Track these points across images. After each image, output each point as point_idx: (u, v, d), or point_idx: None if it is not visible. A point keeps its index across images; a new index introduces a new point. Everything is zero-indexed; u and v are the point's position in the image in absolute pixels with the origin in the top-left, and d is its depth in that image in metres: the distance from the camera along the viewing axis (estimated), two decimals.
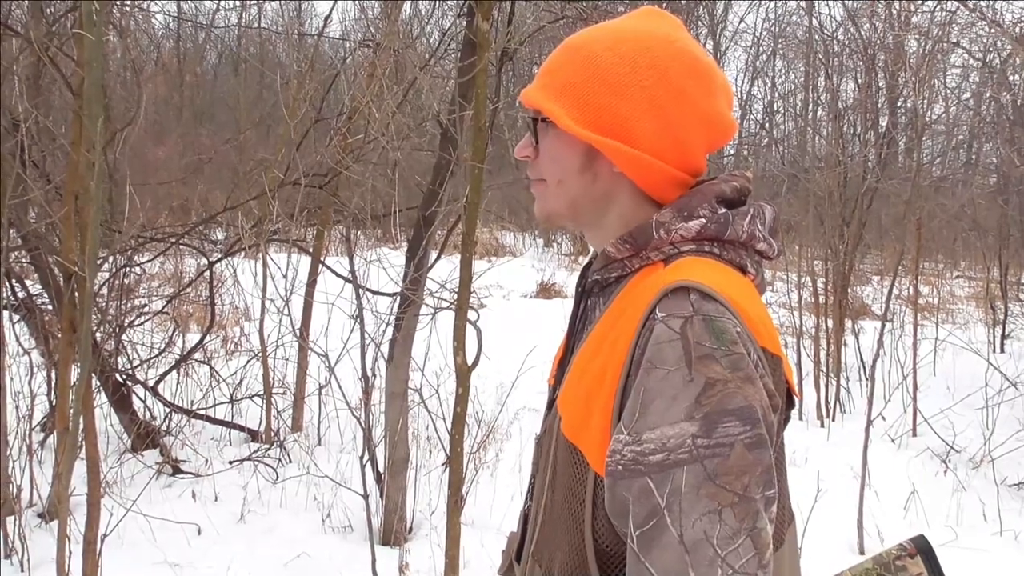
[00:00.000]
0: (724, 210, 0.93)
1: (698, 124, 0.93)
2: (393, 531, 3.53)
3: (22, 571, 3.17)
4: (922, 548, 0.96)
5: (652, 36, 0.93)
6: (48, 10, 4.30)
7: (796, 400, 0.94)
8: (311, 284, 4.66)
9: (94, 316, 3.95)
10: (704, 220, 0.91)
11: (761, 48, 17.48)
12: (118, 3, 4.96)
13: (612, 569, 0.88)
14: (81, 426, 2.63)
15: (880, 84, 8.64)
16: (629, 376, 0.84)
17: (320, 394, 4.61)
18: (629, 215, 0.96)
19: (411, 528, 3.67)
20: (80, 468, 2.87)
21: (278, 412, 4.69)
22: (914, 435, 5.29)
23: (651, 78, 0.91)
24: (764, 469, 0.80)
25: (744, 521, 0.77)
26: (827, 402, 5.85)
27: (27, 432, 3.67)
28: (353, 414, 3.50)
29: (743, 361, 0.81)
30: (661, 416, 0.79)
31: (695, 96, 0.92)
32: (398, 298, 3.51)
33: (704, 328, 0.81)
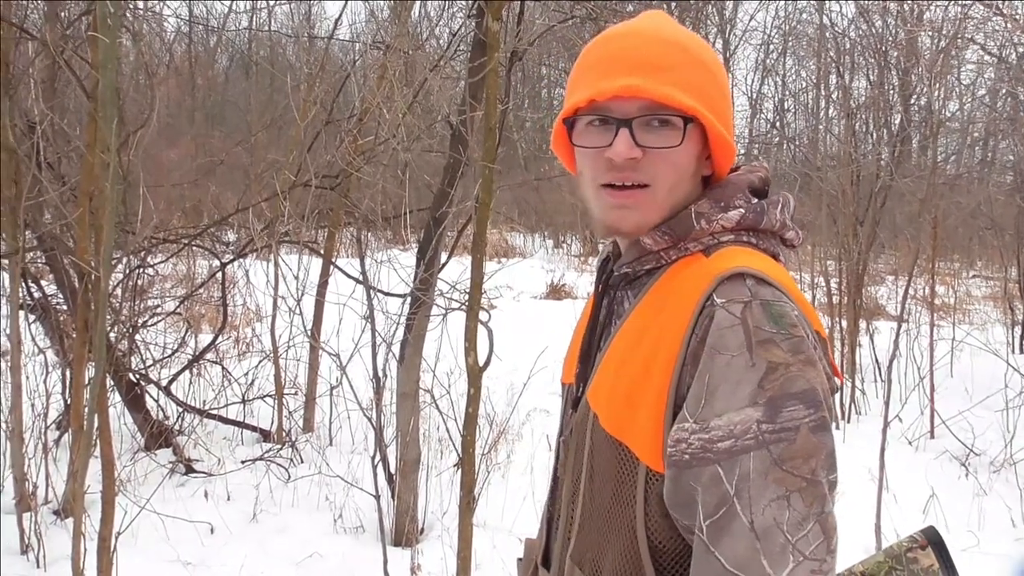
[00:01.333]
0: (756, 200, 0.94)
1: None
2: (405, 532, 3.53)
3: (38, 567, 3.20)
4: (933, 539, 0.95)
5: (695, 36, 0.96)
6: (63, 14, 4.34)
7: (838, 383, 0.93)
8: (322, 285, 4.68)
9: (108, 316, 3.98)
10: (743, 210, 0.92)
11: (771, 46, 17.38)
12: (131, 7, 5.00)
13: (667, 565, 0.86)
14: (96, 425, 2.65)
15: (893, 81, 8.57)
16: (685, 365, 0.83)
17: (331, 394, 4.62)
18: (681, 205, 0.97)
19: (423, 529, 3.67)
20: (95, 466, 2.90)
21: (290, 412, 4.71)
22: (932, 437, 5.21)
23: (720, 71, 0.95)
24: (828, 452, 0.79)
25: (812, 506, 0.77)
26: (842, 404, 5.79)
27: (42, 430, 3.71)
28: (365, 414, 3.51)
29: (803, 344, 0.81)
30: (727, 402, 0.79)
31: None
32: (409, 299, 3.52)
33: (763, 312, 0.81)
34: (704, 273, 0.86)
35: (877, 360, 6.53)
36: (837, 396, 5.67)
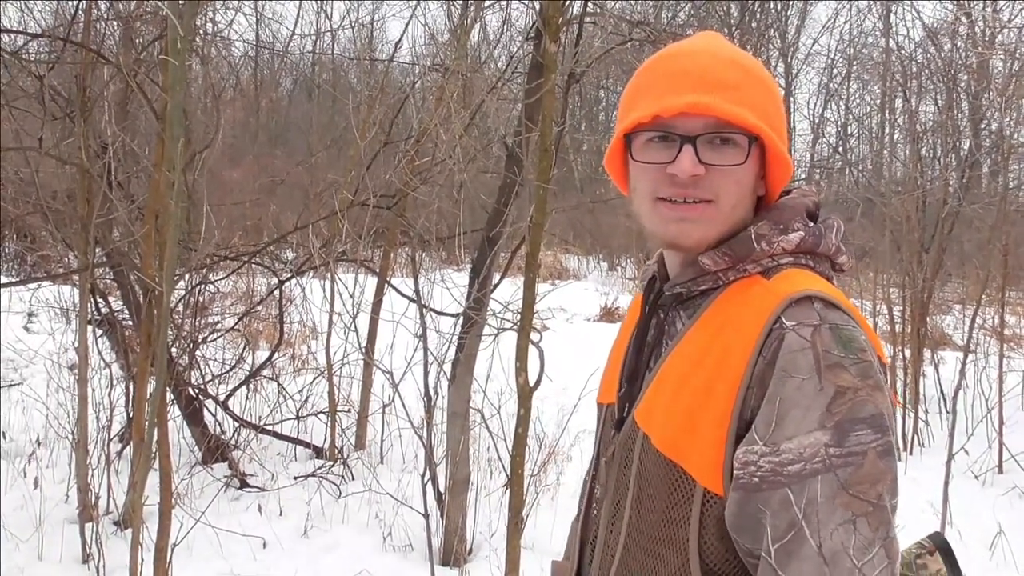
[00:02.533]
0: (813, 224, 0.94)
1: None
2: (453, 551, 3.52)
3: (98, 575, 3.28)
4: (940, 545, 0.97)
5: (749, 57, 0.97)
6: (137, 40, 4.53)
7: (897, 407, 0.93)
8: (377, 303, 4.73)
9: (170, 331, 4.09)
10: (803, 233, 0.92)
11: (835, 70, 17.11)
12: (201, 32, 5.19)
13: None
14: (155, 438, 2.72)
15: (962, 106, 8.34)
16: (750, 388, 0.83)
17: (383, 412, 4.65)
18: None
19: (471, 549, 3.65)
20: (153, 479, 2.96)
21: (342, 429, 4.75)
22: (1000, 472, 5.04)
23: (776, 93, 0.96)
24: (893, 477, 0.80)
25: (878, 530, 0.77)
26: (904, 435, 5.62)
27: (106, 442, 3.81)
28: (416, 433, 3.52)
29: (871, 369, 0.81)
30: (797, 425, 0.79)
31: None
32: (461, 318, 3.53)
33: (832, 337, 0.81)
34: (769, 295, 0.86)
35: (942, 391, 6.32)
36: (899, 427, 5.53)
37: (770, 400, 0.81)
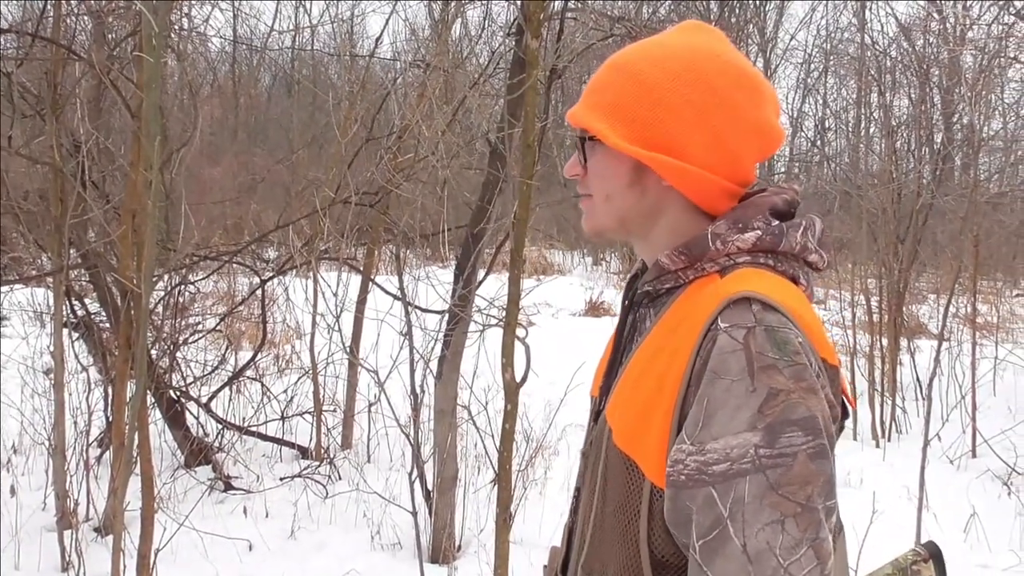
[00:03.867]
0: (777, 222, 0.94)
1: (748, 135, 0.94)
2: (442, 549, 3.51)
3: None
4: (933, 553, 0.98)
5: (698, 51, 0.94)
6: (110, 36, 4.45)
7: (851, 410, 0.94)
8: (361, 301, 4.70)
9: (149, 333, 4.04)
10: (760, 232, 0.92)
11: (812, 65, 17.27)
12: (176, 28, 5.12)
13: None
14: (136, 442, 2.68)
15: (935, 100, 8.45)
16: (689, 387, 0.84)
17: (369, 411, 4.63)
18: (679, 226, 0.97)
19: (460, 546, 3.65)
20: (135, 483, 2.92)
21: (328, 429, 4.72)
22: (973, 456, 5.16)
23: (698, 92, 0.92)
24: (826, 479, 0.80)
25: (807, 531, 0.77)
26: (882, 422, 5.71)
27: (84, 448, 3.75)
28: (403, 431, 3.51)
29: (806, 371, 0.81)
30: (725, 426, 0.80)
31: (744, 107, 0.93)
32: (447, 315, 3.51)
33: (767, 338, 0.81)
34: (715, 295, 0.87)
35: (918, 378, 6.44)
36: (876, 415, 5.60)
37: (699, 400, 0.82)
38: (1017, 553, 3.74)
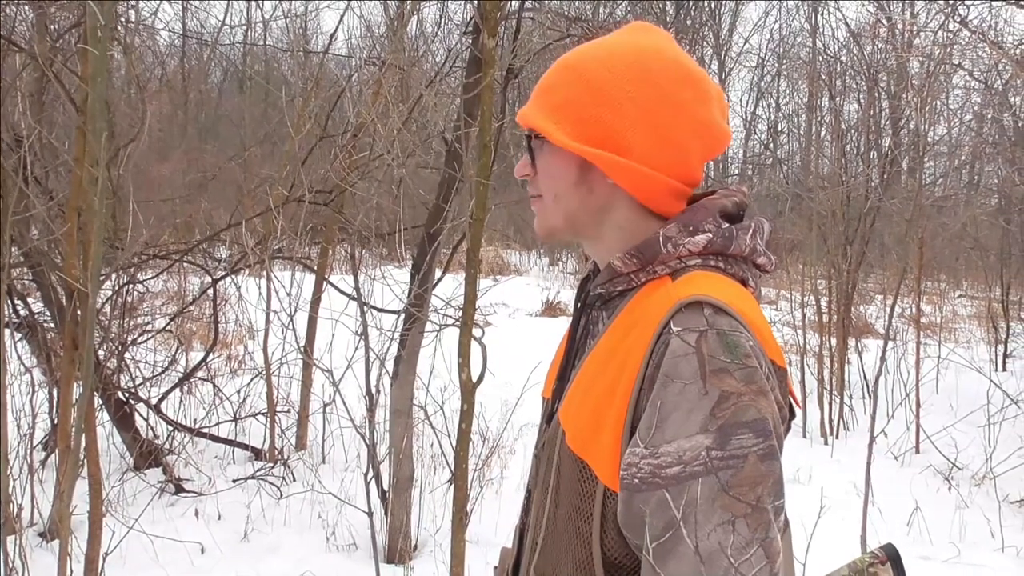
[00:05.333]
0: (727, 225, 0.94)
1: (692, 133, 0.94)
2: (398, 549, 3.49)
3: None
4: (891, 556, 1.00)
5: (643, 49, 0.95)
6: (52, 26, 4.32)
7: (797, 411, 0.96)
8: (315, 301, 4.65)
9: (96, 334, 3.94)
10: (710, 235, 0.92)
11: (765, 69, 17.58)
12: (123, 20, 5.00)
13: None
14: (83, 444, 2.61)
15: (883, 105, 8.68)
16: (642, 390, 0.85)
17: (324, 412, 4.58)
18: (628, 227, 0.97)
19: (416, 546, 3.63)
20: (82, 487, 2.85)
21: (282, 430, 4.66)
22: (917, 452, 5.31)
23: (641, 89, 0.92)
24: (775, 480, 0.81)
25: (757, 531, 0.78)
26: (831, 420, 5.84)
27: (28, 451, 3.65)
28: (358, 431, 3.48)
29: (756, 374, 0.82)
30: (677, 429, 0.80)
31: (688, 105, 0.93)
32: (403, 315, 3.50)
33: (718, 342, 0.82)
34: (666, 298, 0.88)
35: (865, 377, 6.59)
36: (825, 413, 5.73)
37: (652, 404, 0.82)
38: (956, 545, 3.87)
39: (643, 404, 0.84)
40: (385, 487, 3.53)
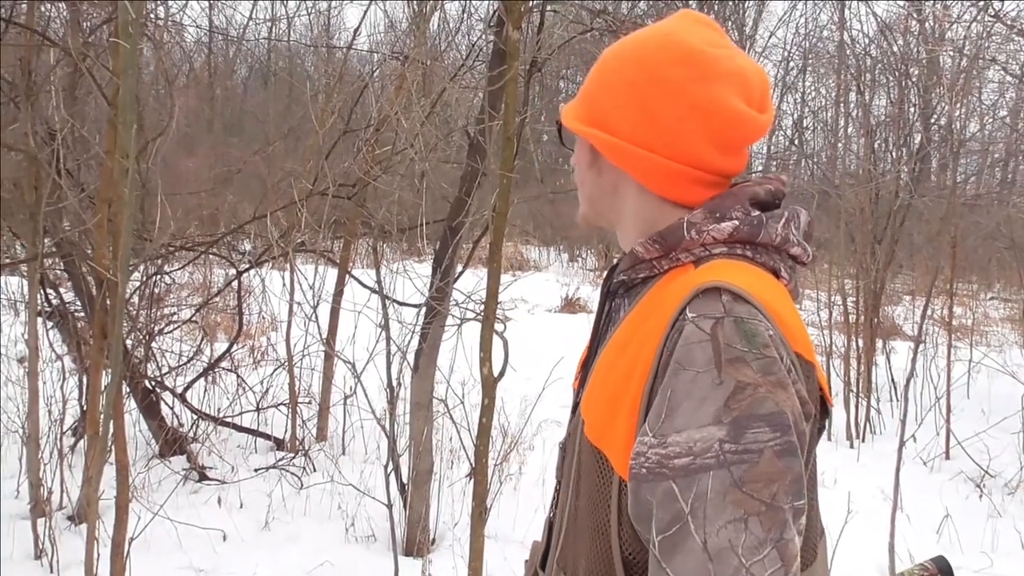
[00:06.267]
0: (757, 213, 0.91)
1: (688, 113, 0.89)
2: (416, 542, 3.51)
3: (51, 572, 3.20)
4: (943, 569, 0.96)
5: (656, 34, 0.94)
6: (85, 22, 4.39)
7: (830, 408, 0.92)
8: (337, 294, 4.68)
9: (125, 323, 4.00)
10: (737, 222, 0.89)
11: (791, 63, 17.38)
12: (152, 16, 5.06)
13: (638, 575, 0.86)
14: (111, 431, 2.65)
15: (913, 100, 8.53)
16: (656, 378, 0.82)
17: (345, 404, 4.62)
18: (644, 213, 0.95)
19: (434, 539, 3.65)
20: (109, 472, 2.90)
21: (303, 421, 4.70)
22: (947, 458, 5.19)
23: (634, 69, 0.92)
24: (794, 478, 0.77)
25: (771, 531, 0.74)
26: (857, 423, 5.75)
27: (58, 436, 3.72)
28: (379, 423, 3.50)
29: (775, 365, 0.79)
30: (688, 419, 0.77)
31: (683, 85, 0.89)
32: (424, 308, 3.51)
33: (735, 330, 0.79)
34: (686, 285, 0.85)
35: (893, 379, 6.49)
36: (851, 416, 5.66)
37: (663, 391, 0.79)
38: (988, 555, 3.78)
39: (655, 392, 0.81)
40: (404, 480, 3.55)
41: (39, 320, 3.69)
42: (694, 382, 0.78)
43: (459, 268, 3.57)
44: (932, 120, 8.52)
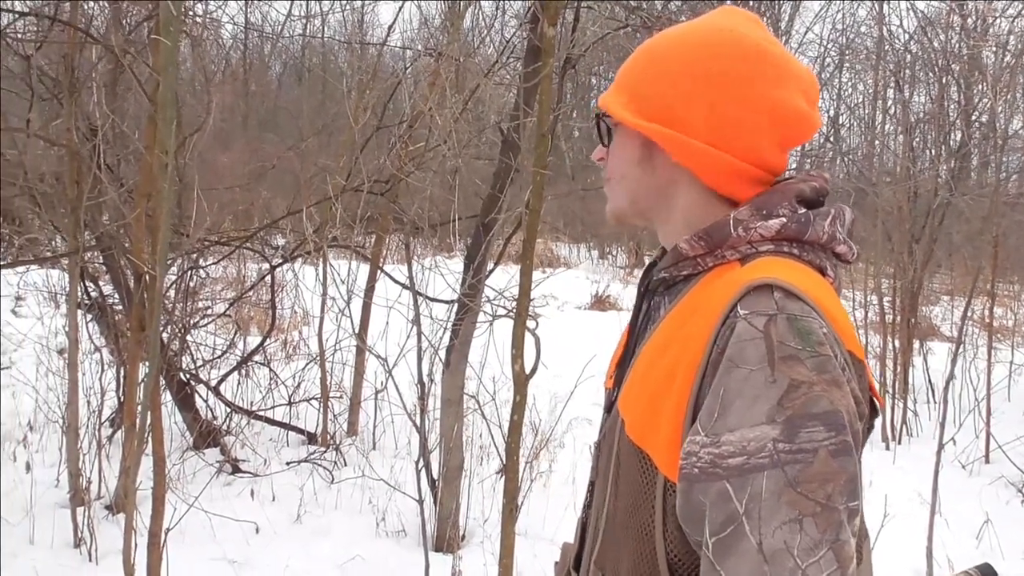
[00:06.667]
0: (804, 210, 0.90)
1: (757, 112, 0.89)
2: (447, 538, 3.52)
3: (90, 560, 3.26)
4: None
5: (714, 28, 0.92)
6: (126, 20, 4.46)
7: (880, 408, 0.89)
8: (370, 289, 4.71)
9: (161, 316, 4.06)
10: (784, 219, 0.88)
11: (828, 59, 17.11)
12: (191, 13, 5.13)
13: None
14: (148, 422, 2.70)
15: (954, 96, 8.35)
16: (705, 376, 0.80)
17: (376, 399, 4.65)
18: (695, 210, 0.94)
19: (464, 535, 3.66)
20: (146, 463, 2.95)
21: (335, 415, 4.74)
22: (987, 462, 5.10)
23: (700, 63, 0.90)
24: (849, 478, 0.75)
25: (827, 532, 0.72)
26: (893, 424, 5.66)
27: (97, 427, 3.79)
28: (409, 419, 3.52)
29: (830, 363, 0.77)
30: (741, 417, 0.76)
31: (753, 82, 0.89)
32: (456, 304, 3.52)
33: (788, 327, 0.77)
34: (734, 282, 0.83)
35: (930, 381, 6.37)
36: (887, 417, 5.57)
37: (715, 390, 0.78)
38: None
39: (705, 391, 0.80)
40: (435, 475, 3.56)
41: (79, 312, 3.76)
42: (747, 380, 0.76)
43: (491, 265, 3.57)
44: (973, 117, 8.33)
